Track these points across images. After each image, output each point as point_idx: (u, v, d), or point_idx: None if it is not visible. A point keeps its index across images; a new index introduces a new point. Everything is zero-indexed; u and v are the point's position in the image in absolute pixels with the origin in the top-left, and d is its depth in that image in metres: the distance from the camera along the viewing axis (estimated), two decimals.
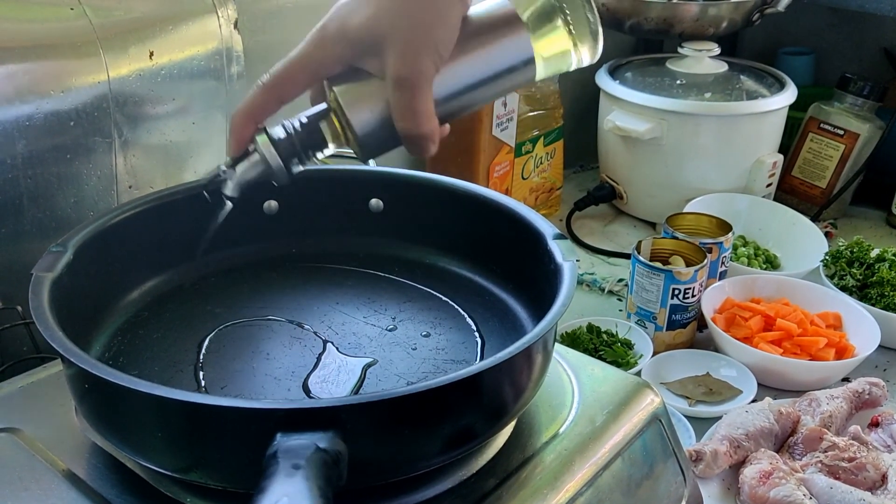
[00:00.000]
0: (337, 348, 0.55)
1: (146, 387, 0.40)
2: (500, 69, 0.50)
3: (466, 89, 0.50)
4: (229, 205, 0.53)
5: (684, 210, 1.08)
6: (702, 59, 1.22)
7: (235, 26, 0.77)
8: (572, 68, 0.53)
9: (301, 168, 0.51)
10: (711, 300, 0.95)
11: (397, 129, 0.48)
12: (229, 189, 0.51)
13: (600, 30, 0.51)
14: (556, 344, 0.57)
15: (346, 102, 0.48)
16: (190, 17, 0.73)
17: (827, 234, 1.17)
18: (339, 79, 0.49)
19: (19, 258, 0.65)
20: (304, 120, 0.50)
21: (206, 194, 0.53)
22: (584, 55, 0.51)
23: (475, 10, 0.50)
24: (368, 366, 0.53)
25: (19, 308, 0.65)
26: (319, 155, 0.51)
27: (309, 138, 0.50)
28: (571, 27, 0.50)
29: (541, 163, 1.20)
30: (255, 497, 0.34)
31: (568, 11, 0.50)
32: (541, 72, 0.52)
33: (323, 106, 0.50)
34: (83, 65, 0.66)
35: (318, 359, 0.54)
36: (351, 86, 0.49)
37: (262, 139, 0.49)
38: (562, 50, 0.51)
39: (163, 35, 0.71)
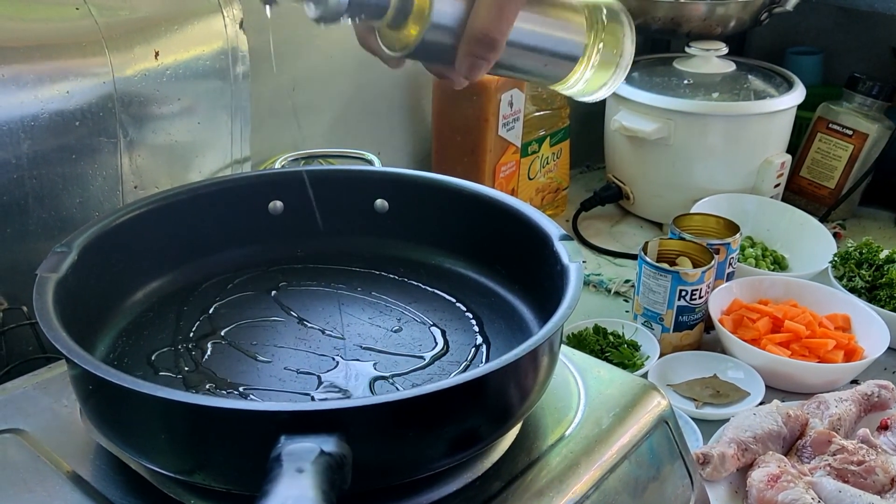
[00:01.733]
0: (342, 349, 0.54)
1: (150, 388, 0.40)
2: (551, 46, 0.52)
3: (518, 45, 0.51)
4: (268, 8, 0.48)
5: (691, 211, 1.08)
6: (709, 59, 1.21)
7: (241, 26, 0.77)
8: (580, 89, 0.55)
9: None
10: (719, 301, 0.94)
11: (473, 27, 0.47)
12: None
13: (619, 79, 0.54)
14: (562, 346, 0.57)
15: None
16: (195, 17, 0.73)
17: (835, 235, 1.16)
18: None
19: (24, 258, 0.65)
20: None
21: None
22: (606, 83, 0.54)
23: None
24: (374, 367, 0.53)
25: (25, 308, 0.65)
26: (376, 22, 0.48)
27: None
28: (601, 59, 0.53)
29: (547, 163, 1.19)
30: (259, 501, 0.34)
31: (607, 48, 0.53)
32: (575, 79, 0.54)
33: None
34: (88, 65, 0.66)
35: (324, 360, 0.53)
36: None
37: None
38: (601, 62, 0.54)
39: (168, 35, 0.71)
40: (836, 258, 1.02)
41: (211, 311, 0.58)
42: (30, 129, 0.64)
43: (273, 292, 0.61)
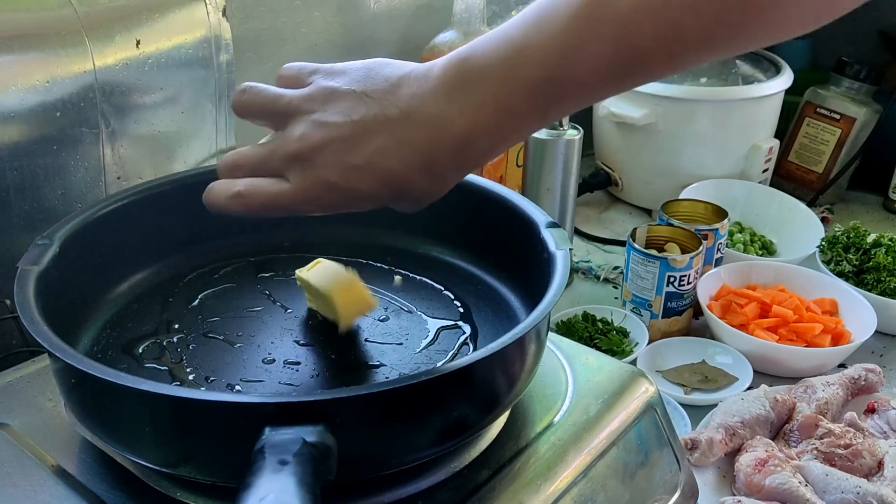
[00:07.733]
0: (329, 339, 0.54)
1: (132, 381, 0.40)
2: None
3: None
4: None
5: (680, 197, 1.08)
6: None
7: (224, 14, 0.76)
8: None
9: None
10: (707, 287, 0.94)
11: None
12: None
13: None
14: (550, 333, 0.57)
15: None
16: (177, 5, 0.72)
17: (823, 220, 1.16)
18: None
19: (6, 251, 0.65)
20: None
21: None
22: None
23: None
24: (360, 357, 0.53)
25: (7, 302, 0.64)
26: None
27: None
28: None
29: None
30: (241, 493, 0.34)
31: None
32: None
33: None
34: (68, 54, 0.65)
35: (310, 350, 0.53)
36: None
37: None
38: None
39: (149, 23, 0.70)
40: (823, 243, 1.03)
41: (196, 302, 0.58)
42: (10, 121, 0.63)
43: (259, 282, 0.60)
